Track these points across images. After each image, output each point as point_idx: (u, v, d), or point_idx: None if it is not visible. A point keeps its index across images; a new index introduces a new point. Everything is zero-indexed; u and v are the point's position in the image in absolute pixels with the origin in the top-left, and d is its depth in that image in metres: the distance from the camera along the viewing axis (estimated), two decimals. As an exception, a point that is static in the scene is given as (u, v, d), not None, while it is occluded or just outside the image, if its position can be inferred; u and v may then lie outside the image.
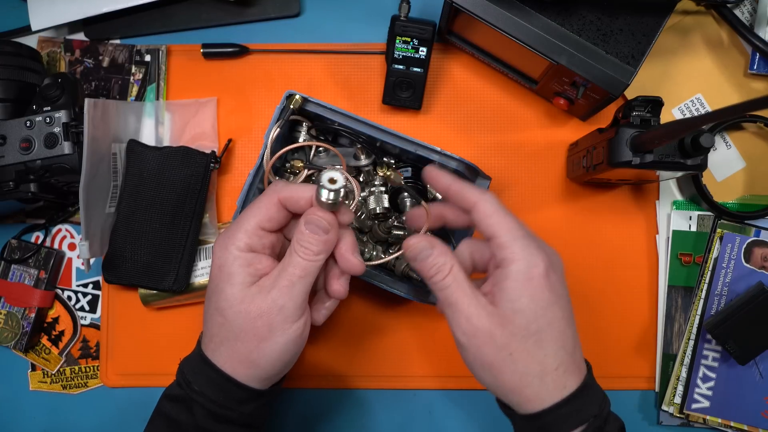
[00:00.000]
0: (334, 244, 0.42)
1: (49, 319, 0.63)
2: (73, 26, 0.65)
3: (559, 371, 0.39)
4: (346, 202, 0.57)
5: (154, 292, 0.59)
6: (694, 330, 0.59)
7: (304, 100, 0.52)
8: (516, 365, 0.38)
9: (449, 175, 0.44)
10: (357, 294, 0.62)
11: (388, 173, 0.55)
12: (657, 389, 0.60)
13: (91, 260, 0.59)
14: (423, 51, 0.57)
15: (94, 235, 0.57)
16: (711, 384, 0.59)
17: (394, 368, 0.61)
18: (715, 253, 0.60)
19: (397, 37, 0.57)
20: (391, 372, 0.61)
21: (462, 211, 0.44)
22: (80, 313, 0.63)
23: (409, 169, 0.56)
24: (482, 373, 0.40)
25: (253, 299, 0.40)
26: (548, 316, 0.39)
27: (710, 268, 0.60)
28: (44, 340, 0.63)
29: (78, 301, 0.63)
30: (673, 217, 0.61)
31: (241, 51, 0.63)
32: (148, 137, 0.62)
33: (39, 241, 0.63)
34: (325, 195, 0.40)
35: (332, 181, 0.39)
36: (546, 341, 0.39)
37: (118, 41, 0.64)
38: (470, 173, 0.53)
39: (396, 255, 0.53)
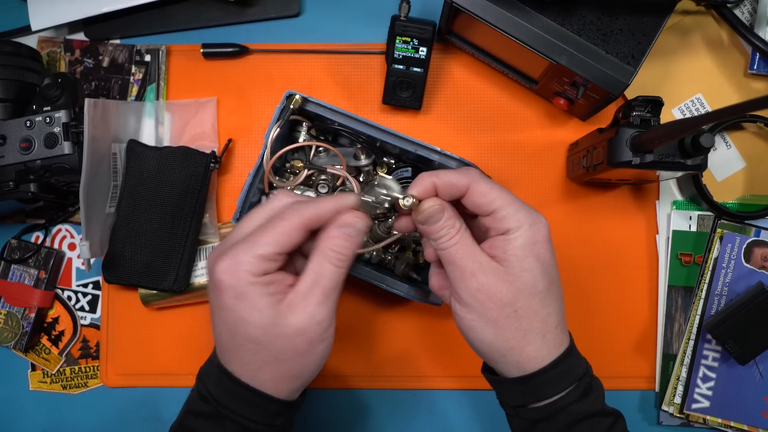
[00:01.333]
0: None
1: (49, 319, 0.63)
2: (73, 26, 0.65)
3: (557, 329, 0.40)
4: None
5: (154, 292, 0.59)
6: (694, 330, 0.59)
7: (304, 100, 0.52)
8: (520, 322, 0.39)
9: (428, 176, 0.42)
10: (357, 294, 0.62)
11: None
12: (657, 389, 0.60)
13: (92, 260, 0.59)
14: (423, 51, 0.57)
15: (94, 235, 0.57)
16: (711, 384, 0.59)
17: (394, 368, 0.61)
18: (715, 253, 0.60)
19: (397, 37, 0.57)
20: (391, 372, 0.61)
21: (457, 175, 0.42)
22: (80, 313, 0.63)
23: (409, 169, 0.56)
24: (484, 331, 0.40)
25: (286, 320, 0.38)
26: (551, 276, 0.40)
27: (710, 268, 0.60)
28: (44, 340, 0.63)
29: (78, 301, 0.63)
30: (673, 217, 0.61)
31: (241, 51, 0.63)
32: (148, 137, 0.62)
33: (39, 241, 0.63)
34: (409, 202, 0.40)
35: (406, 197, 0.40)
36: (550, 300, 0.40)
37: (118, 41, 0.64)
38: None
39: (395, 238, 0.51)
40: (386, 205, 0.40)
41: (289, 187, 0.55)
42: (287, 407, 0.41)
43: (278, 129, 0.51)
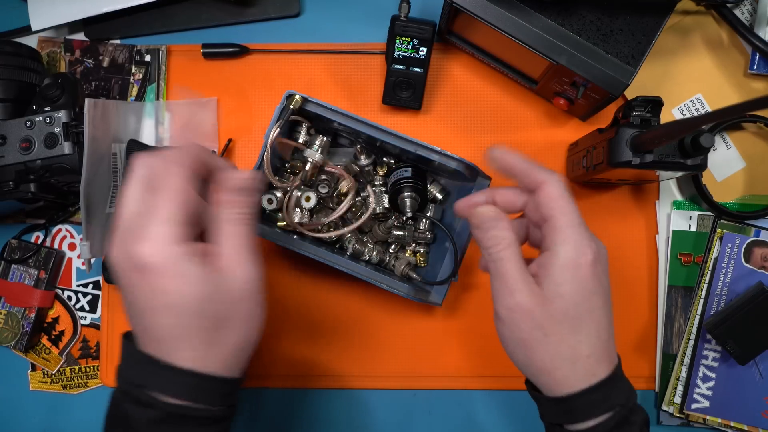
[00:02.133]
0: None
1: (49, 319, 0.63)
2: (73, 26, 0.65)
3: (591, 359, 0.39)
4: (344, 198, 0.57)
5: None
6: (694, 330, 0.59)
7: (304, 100, 0.52)
8: (548, 346, 0.39)
9: (515, 155, 0.42)
10: (357, 294, 0.62)
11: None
12: (657, 389, 0.60)
13: (92, 260, 0.59)
14: (423, 51, 0.57)
15: (94, 235, 0.57)
16: (711, 384, 0.59)
17: (394, 368, 0.61)
18: (715, 253, 0.60)
19: (397, 37, 0.57)
20: (391, 372, 0.61)
21: (518, 194, 0.43)
22: (80, 313, 0.63)
23: (409, 169, 0.56)
24: (516, 349, 0.41)
25: (227, 285, 0.36)
26: (589, 304, 0.39)
27: (710, 268, 0.60)
28: (44, 340, 0.63)
29: (78, 301, 0.63)
30: (673, 217, 0.61)
31: (241, 51, 0.63)
32: (148, 137, 0.62)
33: (39, 241, 0.63)
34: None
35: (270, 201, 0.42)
36: (582, 328, 0.39)
37: (118, 41, 0.64)
38: (470, 173, 0.53)
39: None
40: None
41: (288, 188, 0.55)
42: (237, 383, 0.39)
43: (278, 129, 0.51)
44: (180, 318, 0.35)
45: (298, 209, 0.55)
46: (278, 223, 0.56)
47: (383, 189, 0.57)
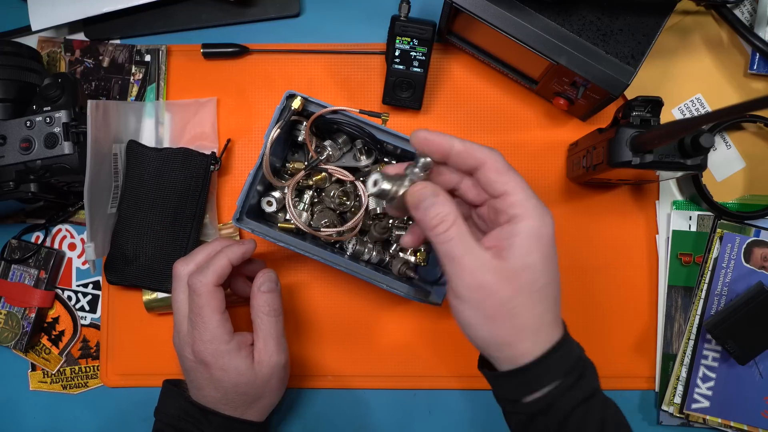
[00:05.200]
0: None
1: (49, 319, 0.63)
2: (73, 26, 0.65)
3: (552, 325, 0.40)
4: (348, 203, 0.57)
5: (158, 298, 0.59)
6: (694, 330, 0.59)
7: (306, 101, 0.52)
8: (516, 319, 0.39)
9: (445, 135, 0.41)
10: (357, 294, 0.62)
11: (318, 177, 0.56)
12: (657, 389, 0.60)
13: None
14: (423, 51, 0.57)
15: (96, 235, 0.57)
16: (711, 384, 0.59)
17: (394, 368, 0.61)
18: (715, 253, 0.60)
19: (397, 37, 0.57)
20: (391, 372, 0.61)
21: (459, 173, 0.43)
22: (80, 313, 0.63)
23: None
24: (480, 326, 0.40)
25: (261, 373, 0.50)
26: (551, 272, 0.40)
27: (710, 268, 0.60)
28: (44, 340, 0.63)
29: (78, 301, 0.63)
30: (673, 217, 0.61)
31: (241, 51, 0.63)
32: (148, 137, 0.62)
33: (39, 241, 0.63)
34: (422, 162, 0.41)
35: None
36: (548, 295, 0.40)
37: (118, 41, 0.64)
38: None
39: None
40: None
41: (286, 188, 0.55)
42: (263, 426, 0.54)
43: (278, 129, 0.51)
44: (227, 395, 0.49)
45: (298, 208, 0.55)
46: (279, 224, 0.56)
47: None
